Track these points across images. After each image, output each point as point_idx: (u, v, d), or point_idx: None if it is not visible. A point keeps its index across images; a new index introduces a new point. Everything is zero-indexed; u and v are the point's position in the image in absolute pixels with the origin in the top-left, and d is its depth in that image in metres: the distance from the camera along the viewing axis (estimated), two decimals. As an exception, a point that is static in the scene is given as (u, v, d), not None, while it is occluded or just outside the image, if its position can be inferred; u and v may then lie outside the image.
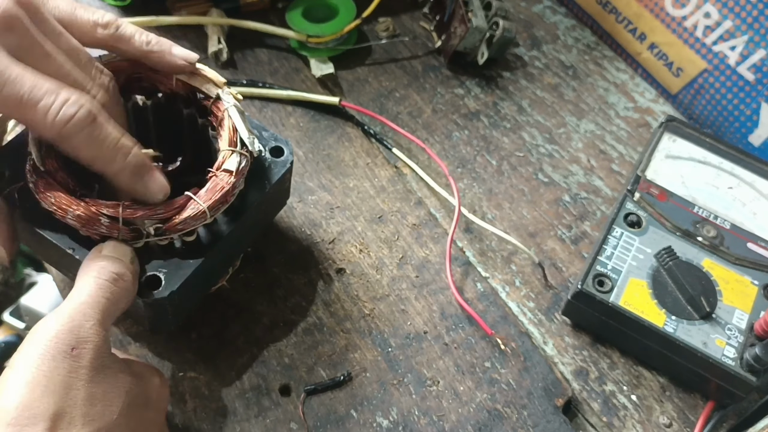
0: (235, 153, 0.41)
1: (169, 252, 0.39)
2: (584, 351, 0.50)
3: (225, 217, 0.41)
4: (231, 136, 0.41)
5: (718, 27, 0.61)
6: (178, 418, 0.43)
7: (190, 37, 0.62)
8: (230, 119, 0.42)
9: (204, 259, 0.39)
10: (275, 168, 0.44)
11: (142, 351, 0.45)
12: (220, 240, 0.40)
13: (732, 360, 0.45)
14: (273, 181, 0.43)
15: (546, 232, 0.55)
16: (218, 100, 0.43)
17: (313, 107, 0.60)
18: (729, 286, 0.49)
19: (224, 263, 0.45)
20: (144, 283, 0.38)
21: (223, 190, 0.39)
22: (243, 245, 0.47)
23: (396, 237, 0.53)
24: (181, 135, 0.47)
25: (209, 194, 0.39)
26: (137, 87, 0.44)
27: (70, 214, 0.37)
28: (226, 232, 0.41)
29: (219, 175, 0.40)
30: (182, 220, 0.38)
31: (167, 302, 0.38)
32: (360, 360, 0.47)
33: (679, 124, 0.58)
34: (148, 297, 0.38)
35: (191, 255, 0.39)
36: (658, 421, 0.47)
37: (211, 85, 0.43)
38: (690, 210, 0.53)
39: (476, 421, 0.45)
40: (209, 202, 0.39)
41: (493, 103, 0.63)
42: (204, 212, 0.38)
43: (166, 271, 0.38)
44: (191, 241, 0.40)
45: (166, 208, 0.38)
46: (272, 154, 0.44)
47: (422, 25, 0.68)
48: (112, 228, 0.37)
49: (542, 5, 0.73)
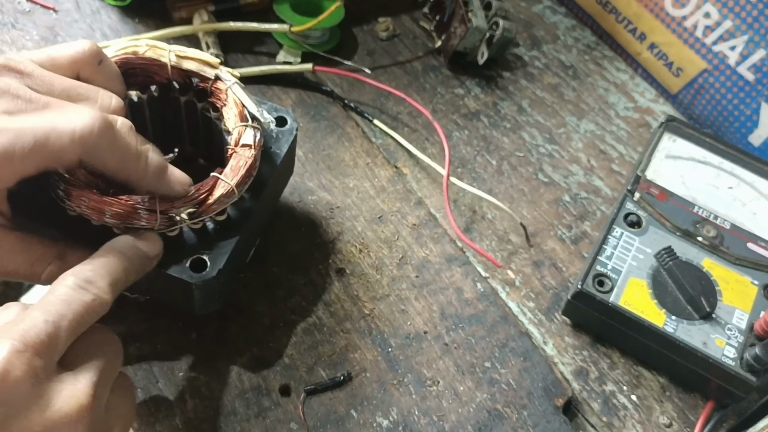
0: (248, 127, 0.42)
1: (205, 236, 0.40)
2: (584, 351, 0.50)
3: (248, 193, 0.42)
4: (240, 112, 0.42)
5: (718, 27, 0.61)
6: (178, 418, 0.43)
7: (190, 37, 0.62)
8: (235, 96, 0.42)
9: (240, 236, 0.40)
10: (282, 137, 0.45)
11: (142, 351, 0.45)
12: (250, 214, 0.42)
13: (732, 360, 0.45)
14: (284, 151, 0.44)
15: (546, 232, 0.55)
16: (217, 80, 0.43)
17: (313, 107, 0.60)
18: (729, 286, 0.49)
19: (251, 240, 0.47)
20: (190, 267, 0.39)
21: (246, 165, 0.40)
22: (265, 220, 0.48)
23: (396, 237, 0.53)
24: (177, 125, 0.47)
25: (234, 171, 0.40)
26: (132, 82, 0.44)
27: (108, 213, 0.37)
28: (253, 206, 0.42)
29: (239, 150, 0.41)
30: (216, 200, 0.39)
31: (215, 282, 0.39)
32: (360, 360, 0.47)
33: (679, 124, 0.58)
34: (198, 279, 0.38)
35: (227, 234, 0.40)
36: (658, 421, 0.47)
37: (206, 67, 0.43)
38: (690, 210, 0.53)
39: (476, 421, 0.45)
40: (236, 179, 0.40)
41: (493, 103, 0.63)
42: (233, 189, 0.39)
43: (209, 252, 0.39)
44: (222, 221, 0.41)
45: (198, 192, 0.39)
46: (277, 125, 0.45)
47: (422, 25, 0.68)
48: (151, 219, 0.38)
49: (542, 5, 0.73)
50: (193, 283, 0.39)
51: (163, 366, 0.44)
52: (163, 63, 0.43)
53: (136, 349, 0.45)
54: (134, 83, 0.44)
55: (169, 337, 0.46)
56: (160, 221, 0.38)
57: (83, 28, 0.61)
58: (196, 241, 0.40)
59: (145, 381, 0.44)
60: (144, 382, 0.44)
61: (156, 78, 0.44)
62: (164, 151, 0.50)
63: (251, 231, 0.44)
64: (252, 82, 0.60)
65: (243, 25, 0.60)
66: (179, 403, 0.43)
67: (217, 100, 0.43)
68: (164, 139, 0.49)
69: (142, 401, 0.43)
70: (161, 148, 0.50)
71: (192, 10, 0.61)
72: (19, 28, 0.60)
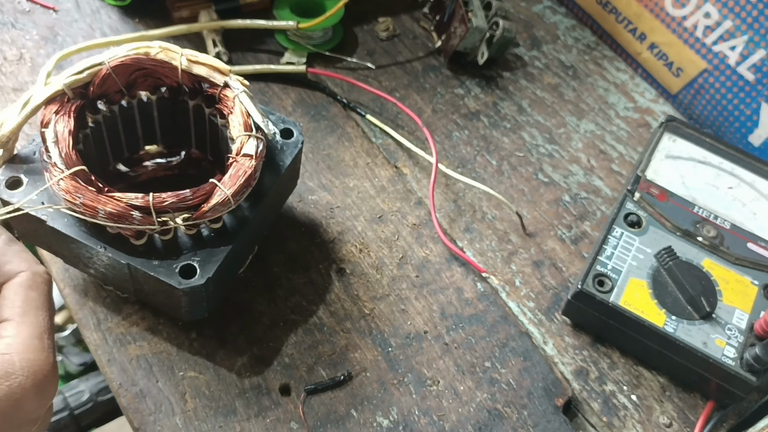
0: (252, 137, 0.42)
1: (198, 242, 0.40)
2: (584, 351, 0.50)
3: (246, 202, 0.42)
4: (245, 121, 0.42)
5: (718, 27, 0.61)
6: (178, 417, 0.43)
7: (191, 38, 0.62)
8: (242, 105, 0.42)
9: (233, 245, 0.40)
10: (287, 149, 0.45)
11: (142, 351, 0.45)
12: (246, 224, 0.41)
13: (732, 360, 0.45)
14: (287, 163, 0.44)
15: (546, 232, 0.55)
16: (226, 87, 0.43)
17: (313, 107, 0.60)
18: (729, 286, 0.49)
19: (247, 249, 0.46)
20: (179, 273, 0.39)
21: (245, 175, 0.40)
22: (262, 229, 0.48)
23: (396, 237, 0.53)
24: (185, 128, 0.47)
25: (233, 180, 0.40)
26: (142, 83, 0.44)
27: (101, 212, 0.37)
28: (251, 216, 0.42)
29: (239, 160, 0.41)
30: (211, 207, 0.39)
31: (203, 289, 0.39)
32: (360, 360, 0.47)
33: (679, 124, 0.58)
34: (186, 285, 0.38)
35: (220, 242, 0.40)
36: (658, 421, 0.47)
37: (216, 73, 0.43)
38: (690, 210, 0.53)
39: (476, 420, 0.45)
40: (234, 188, 0.39)
41: (493, 103, 0.63)
42: (228, 199, 0.39)
43: (199, 259, 0.39)
44: (218, 228, 0.40)
45: (194, 195, 0.39)
46: (283, 136, 0.45)
47: (422, 25, 0.68)
48: (144, 221, 0.38)
49: (542, 5, 0.73)
50: (180, 289, 0.38)
51: (163, 366, 0.44)
52: (174, 66, 0.43)
53: (136, 348, 0.45)
54: (144, 84, 0.44)
55: (169, 337, 0.46)
56: (153, 225, 0.38)
57: (83, 27, 0.61)
58: (189, 246, 0.40)
59: (145, 381, 0.44)
60: (144, 382, 0.44)
61: (166, 80, 0.44)
62: (171, 152, 0.51)
63: (247, 240, 0.44)
64: (252, 81, 0.60)
65: (251, 22, 0.61)
66: (179, 403, 0.43)
67: (224, 107, 0.43)
68: (172, 140, 0.49)
69: (143, 401, 0.43)
70: (168, 149, 0.50)
71: (192, 10, 0.61)
72: (19, 27, 0.60)
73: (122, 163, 0.49)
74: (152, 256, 0.39)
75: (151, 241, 0.40)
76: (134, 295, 0.44)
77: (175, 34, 0.59)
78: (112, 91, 0.43)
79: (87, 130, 0.43)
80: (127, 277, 0.40)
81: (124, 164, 0.49)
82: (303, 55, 0.62)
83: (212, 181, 0.40)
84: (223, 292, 0.46)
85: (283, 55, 0.62)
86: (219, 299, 0.46)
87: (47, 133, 0.39)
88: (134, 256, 0.39)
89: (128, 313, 0.46)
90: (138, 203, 0.38)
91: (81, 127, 0.42)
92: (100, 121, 0.44)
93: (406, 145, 0.58)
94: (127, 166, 0.49)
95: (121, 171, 0.49)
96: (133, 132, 0.47)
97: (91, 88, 0.42)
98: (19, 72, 0.57)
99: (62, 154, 0.39)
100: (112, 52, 0.43)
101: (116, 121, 0.46)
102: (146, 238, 0.39)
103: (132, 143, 0.48)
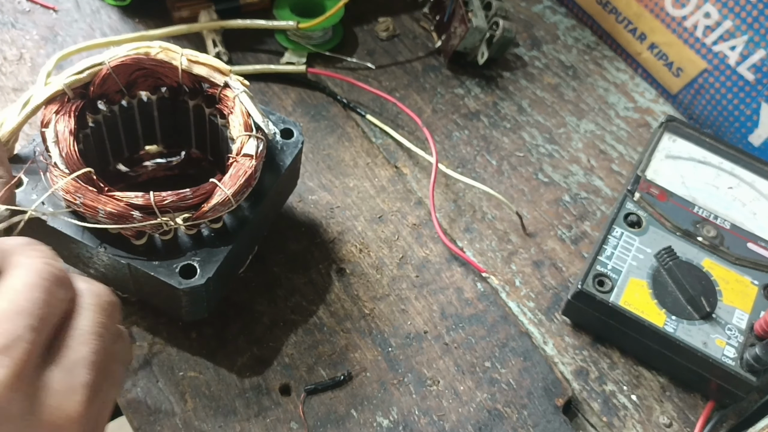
0: (252, 137, 0.42)
1: (198, 242, 0.40)
2: (584, 351, 0.50)
3: (246, 202, 0.42)
4: (245, 121, 0.42)
5: (718, 27, 0.61)
6: (178, 417, 0.43)
7: (191, 38, 0.62)
8: (242, 105, 0.42)
9: (233, 245, 0.40)
10: (287, 149, 0.45)
11: (141, 350, 0.45)
12: (247, 224, 0.41)
13: (732, 360, 0.45)
14: (287, 163, 0.44)
15: (546, 232, 0.55)
16: (226, 87, 0.43)
17: (313, 107, 0.60)
18: (729, 286, 0.49)
19: (247, 249, 0.46)
20: (180, 273, 0.39)
21: (246, 175, 0.40)
22: (262, 229, 0.48)
23: (396, 237, 0.53)
24: (185, 128, 0.47)
25: (233, 180, 0.40)
26: (142, 83, 0.44)
27: (102, 212, 0.37)
28: (251, 216, 0.42)
29: (240, 160, 0.41)
30: (211, 207, 0.39)
31: (203, 289, 0.39)
32: (360, 360, 0.47)
33: (679, 124, 0.58)
34: (186, 285, 0.38)
35: (220, 242, 0.40)
36: (658, 421, 0.47)
37: (216, 73, 0.43)
38: (690, 210, 0.53)
39: (476, 420, 0.45)
40: (234, 188, 0.39)
41: (493, 103, 0.63)
42: (229, 199, 0.39)
43: (200, 259, 0.39)
44: (218, 228, 0.41)
45: (195, 194, 0.39)
46: (283, 137, 0.45)
47: (422, 25, 0.68)
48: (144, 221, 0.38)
49: (542, 5, 0.73)
50: (180, 289, 0.38)
51: (163, 366, 0.44)
52: (175, 66, 0.43)
53: (136, 349, 0.45)
54: (144, 84, 0.44)
55: (169, 337, 0.46)
56: (154, 224, 0.38)
57: (83, 27, 0.61)
58: (189, 246, 0.40)
59: (145, 381, 0.44)
60: (144, 381, 0.44)
61: (166, 80, 0.44)
62: (171, 152, 0.51)
63: (247, 240, 0.44)
64: (252, 81, 0.60)
65: (251, 22, 0.61)
66: (179, 403, 0.43)
67: (225, 107, 0.44)
68: (172, 140, 0.49)
69: (143, 401, 0.43)
70: (168, 149, 0.50)
71: (192, 10, 0.61)
72: (19, 27, 0.60)
73: (122, 163, 0.49)
74: (152, 256, 0.39)
75: (151, 241, 0.40)
76: (134, 295, 0.44)
77: (175, 34, 0.59)
78: (113, 91, 0.43)
79: (87, 130, 0.43)
80: (127, 277, 0.40)
81: (124, 164, 0.49)
82: (303, 55, 0.62)
83: (212, 180, 0.40)
84: (223, 292, 0.46)
85: (283, 55, 0.62)
86: (219, 299, 0.46)
87: (47, 133, 0.39)
88: (134, 256, 0.39)
89: (128, 313, 0.46)
90: (138, 202, 0.38)
91: (81, 127, 0.42)
92: (101, 121, 0.44)
93: (406, 145, 0.58)
94: (127, 166, 0.49)
95: (121, 171, 0.49)
96: (133, 132, 0.47)
97: (91, 88, 0.42)
98: (19, 72, 0.57)
99: (63, 154, 0.39)
100: (112, 52, 0.43)
101: (116, 121, 0.46)
102: (146, 238, 0.39)
103: (132, 143, 0.48)
